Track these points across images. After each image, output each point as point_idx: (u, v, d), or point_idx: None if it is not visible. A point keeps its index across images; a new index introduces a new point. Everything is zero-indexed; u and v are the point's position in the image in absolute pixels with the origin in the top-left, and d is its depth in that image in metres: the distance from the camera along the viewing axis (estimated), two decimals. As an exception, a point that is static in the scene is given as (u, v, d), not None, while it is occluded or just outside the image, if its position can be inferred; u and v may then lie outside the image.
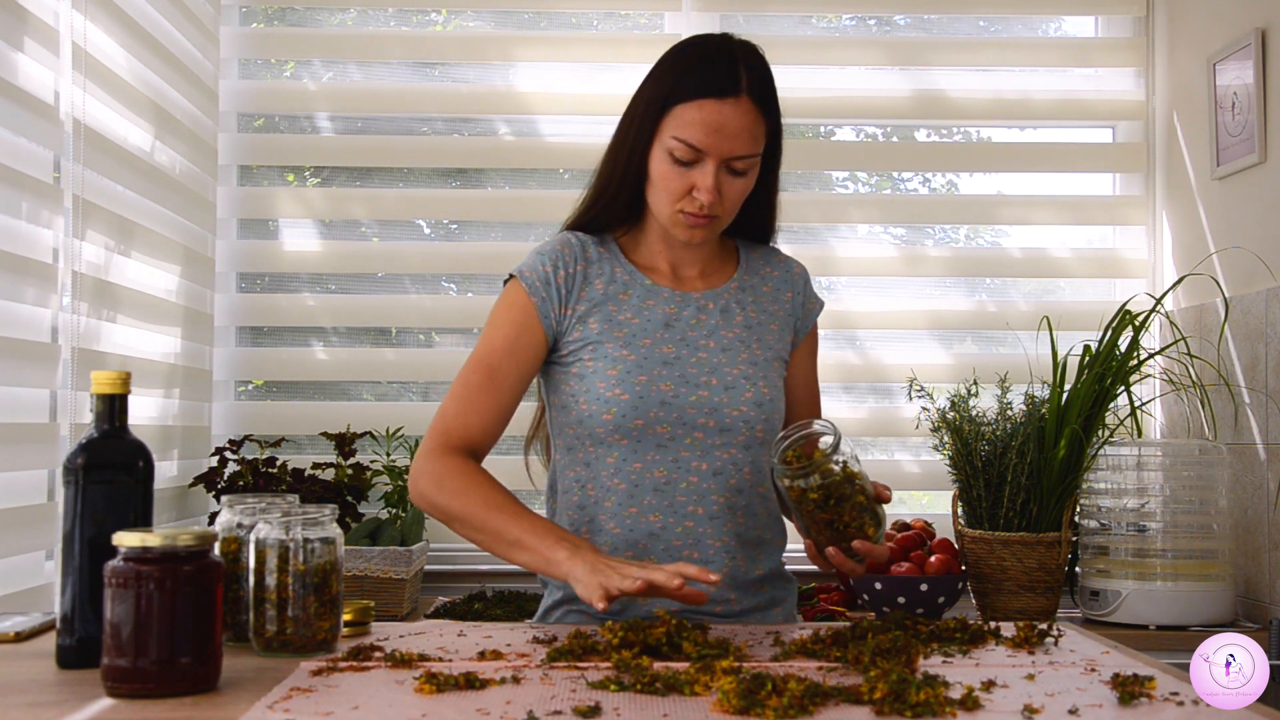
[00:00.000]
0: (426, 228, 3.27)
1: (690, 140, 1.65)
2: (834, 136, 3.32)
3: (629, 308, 1.76)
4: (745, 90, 1.66)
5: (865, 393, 3.22)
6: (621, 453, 1.72)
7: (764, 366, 1.77)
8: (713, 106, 1.65)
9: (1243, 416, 2.70)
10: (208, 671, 1.18)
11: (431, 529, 3.00)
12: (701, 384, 1.73)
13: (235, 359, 3.11)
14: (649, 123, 1.70)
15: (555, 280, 1.75)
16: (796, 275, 1.88)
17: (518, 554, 1.60)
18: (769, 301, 1.83)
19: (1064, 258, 3.21)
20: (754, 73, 1.68)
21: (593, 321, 1.74)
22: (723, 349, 1.76)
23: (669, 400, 1.71)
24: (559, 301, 1.75)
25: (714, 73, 1.66)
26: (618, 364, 1.72)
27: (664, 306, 1.77)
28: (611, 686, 1.18)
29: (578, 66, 3.20)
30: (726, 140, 1.65)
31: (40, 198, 2.13)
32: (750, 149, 1.67)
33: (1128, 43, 3.21)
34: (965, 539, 2.64)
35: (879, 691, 1.10)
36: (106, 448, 1.31)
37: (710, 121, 1.65)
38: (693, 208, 1.69)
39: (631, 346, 1.73)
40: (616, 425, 1.70)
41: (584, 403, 1.72)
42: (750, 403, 1.73)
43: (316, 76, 3.25)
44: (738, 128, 1.65)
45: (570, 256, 1.76)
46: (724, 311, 1.79)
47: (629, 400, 1.70)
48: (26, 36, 2.09)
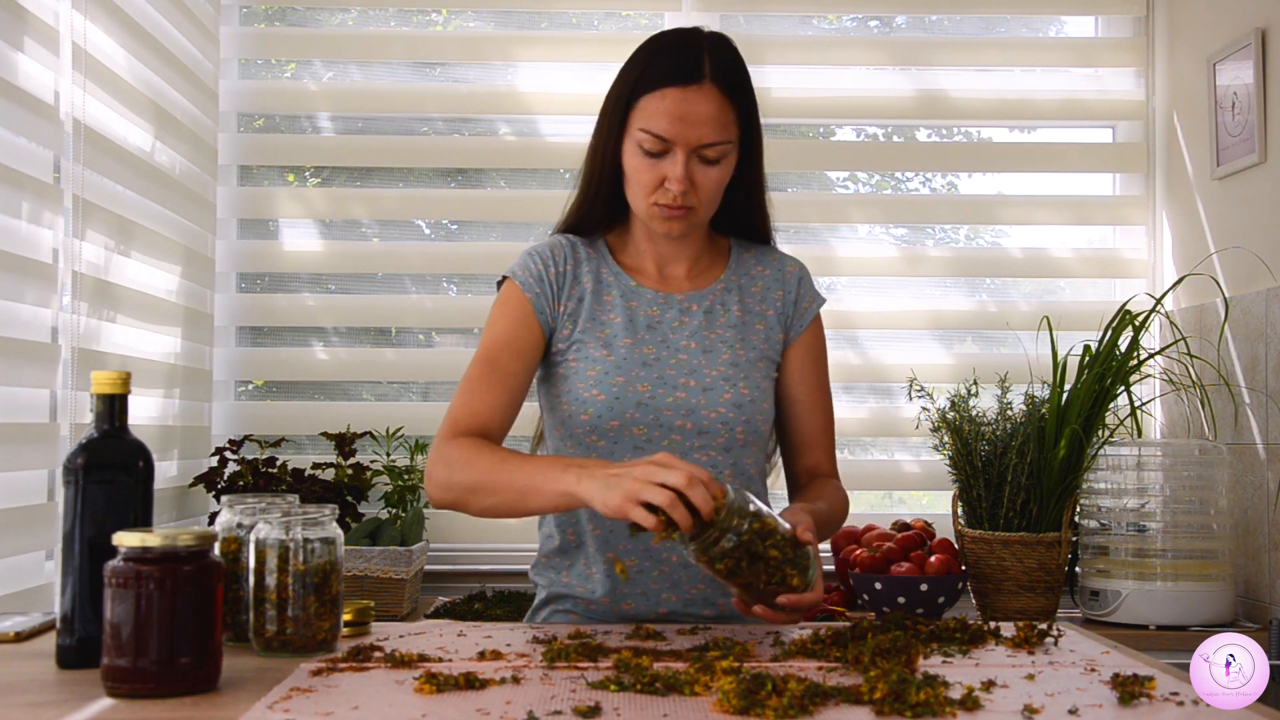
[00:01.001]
0: (426, 228, 3.27)
1: (656, 130, 1.65)
2: (834, 136, 3.32)
3: (612, 308, 1.76)
4: (708, 76, 1.65)
5: (865, 393, 3.22)
6: (599, 453, 1.71)
7: (746, 367, 1.76)
8: (676, 94, 1.65)
9: (1243, 416, 2.70)
10: (208, 671, 1.18)
11: (432, 529, 3.00)
12: (679, 385, 1.72)
13: (235, 359, 3.11)
14: (618, 118, 1.70)
15: (547, 277, 1.76)
16: (789, 274, 1.85)
17: (532, 500, 1.55)
18: (756, 301, 1.82)
19: (1064, 258, 3.21)
20: (718, 59, 1.67)
21: (579, 321, 1.75)
22: (704, 350, 1.75)
23: (645, 401, 1.70)
24: (552, 298, 1.76)
25: (676, 61, 1.66)
26: (597, 364, 1.72)
27: (647, 308, 1.77)
28: (611, 686, 1.18)
29: (578, 66, 3.20)
30: (692, 128, 1.64)
31: (40, 198, 2.13)
32: (717, 136, 1.66)
33: (1128, 43, 3.21)
34: (965, 539, 2.64)
35: (879, 691, 1.10)
36: (106, 448, 1.31)
37: (674, 110, 1.64)
38: (666, 199, 1.68)
39: (611, 347, 1.73)
40: (593, 425, 1.70)
41: (565, 403, 1.73)
42: (729, 404, 1.72)
43: (317, 76, 3.25)
44: (702, 115, 1.64)
45: (560, 256, 1.78)
46: (708, 312, 1.78)
47: (605, 401, 1.70)
48: (26, 36, 2.09)
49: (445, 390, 3.20)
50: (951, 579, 2.58)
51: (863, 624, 1.45)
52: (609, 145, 1.72)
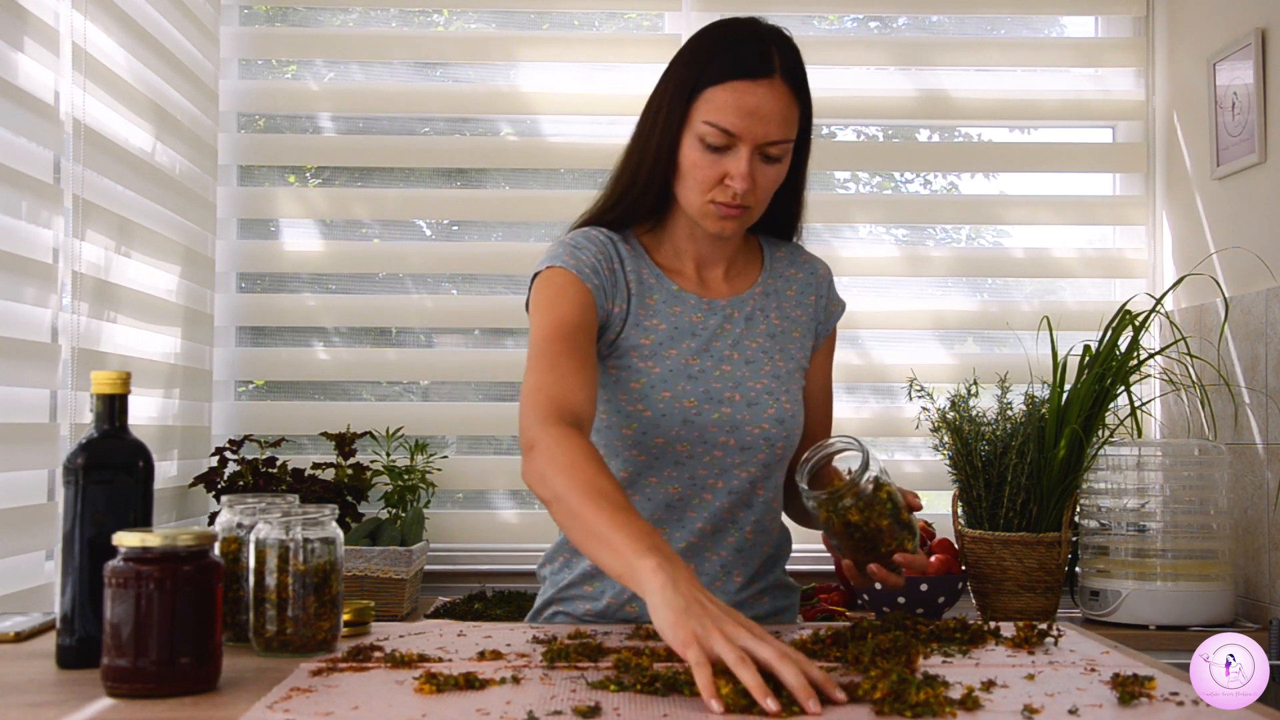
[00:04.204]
0: (427, 228, 3.27)
1: (723, 124, 1.57)
2: (835, 137, 3.32)
3: (655, 313, 1.69)
4: (778, 72, 1.58)
5: (866, 393, 3.22)
6: (636, 467, 1.67)
7: (786, 380, 1.73)
8: (746, 88, 1.57)
9: (1243, 416, 2.69)
10: (208, 671, 1.18)
11: (432, 529, 3.00)
12: (725, 400, 1.67)
13: (235, 359, 3.11)
14: (677, 110, 1.61)
15: (602, 270, 1.65)
16: (821, 277, 1.83)
17: (604, 553, 1.33)
18: (792, 306, 1.78)
19: (1064, 258, 3.21)
20: (786, 55, 1.61)
21: (623, 325, 1.67)
22: (746, 361, 1.70)
23: (691, 419, 1.65)
24: (607, 293, 1.66)
25: (745, 54, 1.58)
26: (642, 376, 1.65)
27: (690, 314, 1.71)
28: (611, 686, 1.18)
29: (579, 67, 3.20)
30: (760, 124, 1.57)
31: (40, 198, 2.13)
32: (784, 134, 1.60)
33: (1128, 43, 3.21)
34: (965, 539, 2.64)
35: (879, 691, 1.10)
36: (106, 448, 1.30)
37: (743, 104, 1.57)
38: (725, 197, 1.61)
39: (657, 358, 1.67)
40: (636, 441, 1.65)
41: (604, 414, 1.66)
42: (772, 419, 1.68)
43: (318, 76, 3.25)
44: (771, 111, 1.58)
45: (605, 253, 1.67)
46: (748, 319, 1.74)
47: (650, 417, 1.64)
48: (26, 36, 2.09)
49: (445, 390, 3.20)
50: (951, 579, 2.58)
51: (863, 624, 1.45)
52: (665, 138, 1.62)
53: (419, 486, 2.87)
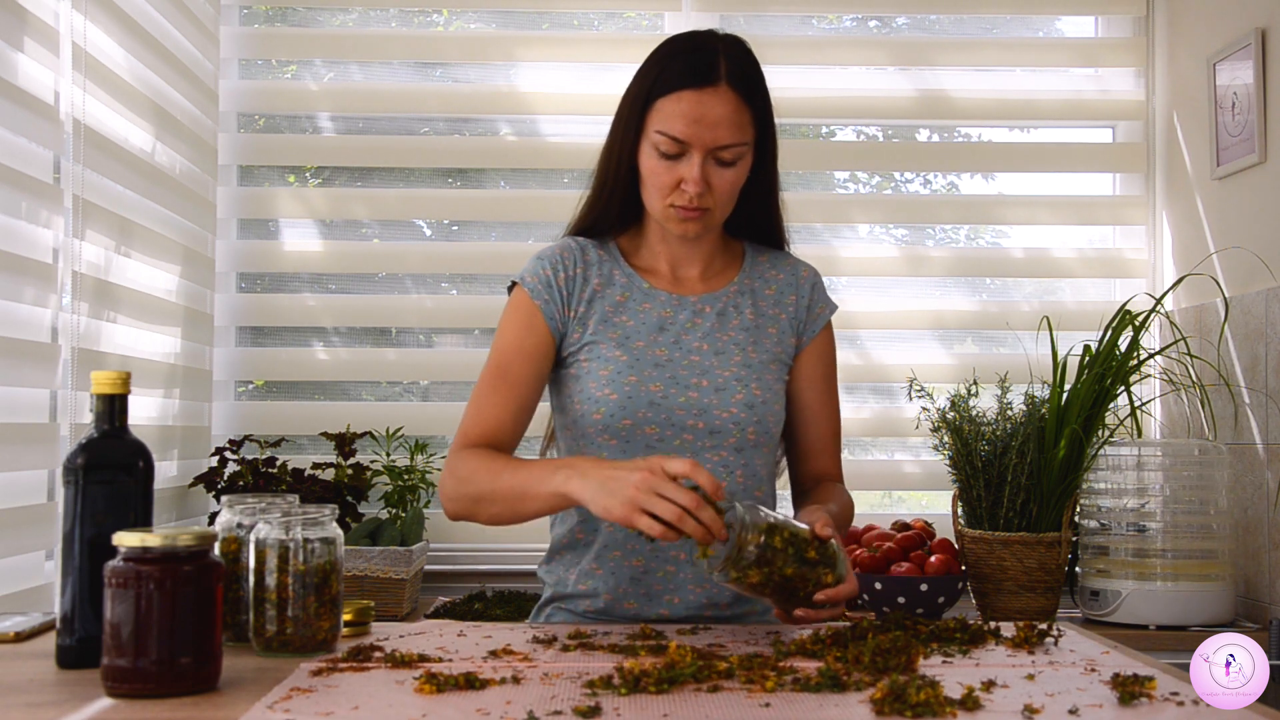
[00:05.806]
0: (427, 228, 3.27)
1: (672, 132, 1.66)
2: (834, 137, 3.32)
3: (625, 310, 1.77)
4: (724, 78, 1.66)
5: (866, 393, 3.22)
6: (611, 453, 1.71)
7: (759, 369, 1.76)
8: (692, 97, 1.66)
9: (1243, 416, 2.69)
10: (208, 671, 1.18)
11: (432, 529, 3.00)
12: (692, 385, 1.73)
13: (235, 359, 3.11)
14: (634, 120, 1.71)
15: (556, 282, 1.76)
16: (803, 279, 1.87)
17: (527, 505, 1.59)
18: (770, 305, 1.83)
19: (1064, 258, 3.21)
20: (734, 61, 1.68)
21: (591, 323, 1.75)
22: (716, 351, 1.76)
23: (658, 401, 1.71)
24: (561, 303, 1.76)
25: (692, 64, 1.67)
26: (609, 364, 1.72)
27: (660, 310, 1.77)
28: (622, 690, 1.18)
29: (579, 67, 3.20)
30: (708, 130, 1.65)
31: (40, 198, 2.12)
32: (734, 138, 1.67)
33: (1128, 43, 3.21)
34: (965, 539, 2.64)
35: (879, 692, 1.10)
36: (106, 448, 1.31)
37: (690, 112, 1.65)
38: (682, 201, 1.69)
39: (625, 348, 1.73)
40: (605, 425, 1.71)
41: (577, 403, 1.73)
42: (740, 404, 1.73)
43: (317, 76, 3.25)
44: (718, 117, 1.65)
45: (569, 260, 1.78)
46: (721, 314, 1.79)
47: (617, 400, 1.70)
48: (26, 36, 2.09)
49: (445, 390, 3.20)
50: (951, 579, 2.58)
51: (863, 624, 1.45)
52: (625, 148, 1.73)
53: (419, 486, 2.87)
